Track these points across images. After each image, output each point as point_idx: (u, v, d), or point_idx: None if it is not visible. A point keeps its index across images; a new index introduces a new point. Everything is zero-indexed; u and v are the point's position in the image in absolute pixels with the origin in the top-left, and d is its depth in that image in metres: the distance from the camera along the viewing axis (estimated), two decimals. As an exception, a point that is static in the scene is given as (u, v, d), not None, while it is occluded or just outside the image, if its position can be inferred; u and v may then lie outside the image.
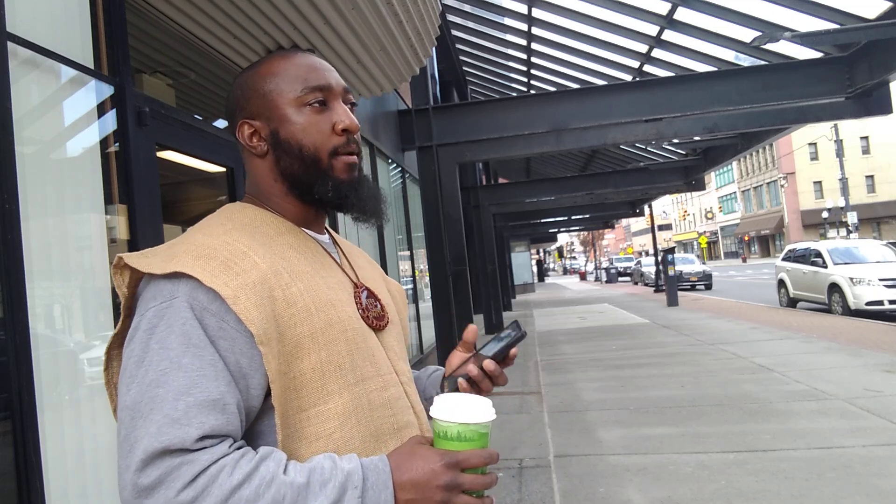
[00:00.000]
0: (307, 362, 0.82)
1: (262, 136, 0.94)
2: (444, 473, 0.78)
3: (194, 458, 0.71)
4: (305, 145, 0.92)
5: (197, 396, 0.73)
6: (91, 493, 2.11)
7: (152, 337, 0.76)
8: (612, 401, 6.13)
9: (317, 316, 0.84)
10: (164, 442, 0.70)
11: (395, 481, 0.77)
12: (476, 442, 0.82)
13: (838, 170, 32.63)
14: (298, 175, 0.92)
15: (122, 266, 0.83)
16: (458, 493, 0.79)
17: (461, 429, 0.81)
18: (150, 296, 0.79)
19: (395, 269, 7.18)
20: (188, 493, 0.69)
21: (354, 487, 0.74)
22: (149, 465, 0.70)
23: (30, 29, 2.02)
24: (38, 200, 2.01)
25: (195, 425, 0.71)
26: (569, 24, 8.42)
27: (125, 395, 0.75)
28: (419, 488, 0.77)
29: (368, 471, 0.77)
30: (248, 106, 0.94)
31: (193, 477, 0.70)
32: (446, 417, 0.81)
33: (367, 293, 0.98)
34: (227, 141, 3.49)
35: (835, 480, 3.64)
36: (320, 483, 0.73)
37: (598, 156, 15.90)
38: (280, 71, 0.93)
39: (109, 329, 2.34)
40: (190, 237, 0.86)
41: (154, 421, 0.71)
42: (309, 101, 0.92)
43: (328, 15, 3.14)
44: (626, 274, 37.74)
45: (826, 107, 8.05)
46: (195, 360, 0.75)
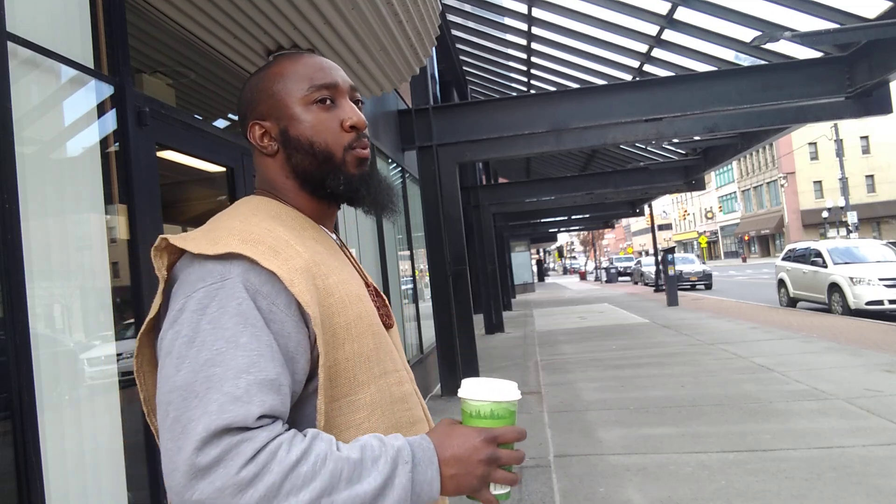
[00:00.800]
0: (342, 352, 0.84)
1: (272, 135, 0.95)
2: (485, 448, 0.82)
3: (254, 435, 0.71)
4: (316, 142, 0.94)
5: (256, 375, 0.73)
6: (91, 493, 2.11)
7: (203, 317, 0.75)
8: (612, 401, 6.13)
9: (350, 308, 0.86)
10: (226, 420, 0.70)
11: (440, 457, 0.80)
12: (507, 419, 0.86)
13: (838, 169, 32.63)
14: (310, 171, 0.95)
15: (164, 247, 0.84)
16: (496, 466, 0.83)
17: (494, 407, 0.85)
18: (197, 277, 0.79)
19: (395, 269, 7.17)
20: (249, 469, 0.69)
21: (405, 462, 0.77)
22: (208, 444, 0.69)
23: (30, 29, 2.02)
24: (38, 200, 2.01)
25: (256, 403, 0.72)
26: (569, 23, 8.42)
27: (173, 376, 0.74)
28: (462, 463, 0.80)
29: (416, 447, 0.80)
30: (258, 107, 0.96)
31: (255, 453, 0.70)
32: (480, 397, 0.86)
33: (376, 292, 1.01)
34: (227, 141, 3.49)
35: (835, 480, 3.64)
36: (372, 459, 0.76)
37: (598, 156, 15.89)
38: (287, 72, 0.96)
39: (109, 329, 2.34)
40: (224, 223, 0.86)
41: (213, 399, 0.71)
42: (316, 98, 0.94)
43: (328, 15, 3.14)
44: (626, 274, 37.72)
45: (826, 106, 8.04)
46: (253, 339, 0.75)
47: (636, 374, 7.37)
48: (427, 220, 7.70)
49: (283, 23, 3.13)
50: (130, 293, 2.46)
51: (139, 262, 2.45)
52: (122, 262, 2.47)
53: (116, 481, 2.24)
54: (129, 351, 2.48)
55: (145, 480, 2.40)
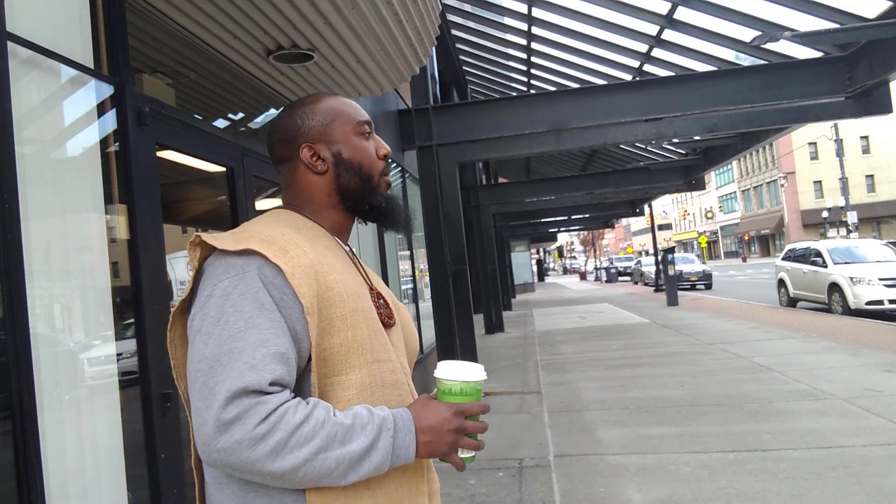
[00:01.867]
0: (336, 339, 0.99)
1: (321, 157, 1.14)
2: (454, 420, 1.00)
3: (266, 399, 0.88)
4: (364, 165, 1.15)
5: (269, 349, 0.90)
6: (91, 493, 2.11)
7: (227, 302, 0.93)
8: (611, 400, 6.13)
9: (347, 302, 1.01)
10: (244, 383, 0.87)
11: (417, 427, 0.98)
12: (474, 396, 1.04)
13: (838, 169, 32.63)
14: (355, 189, 1.15)
15: (197, 244, 1.01)
16: (462, 435, 1.01)
17: (463, 385, 1.03)
18: (222, 270, 0.96)
19: (395, 269, 7.17)
20: (262, 427, 0.86)
21: (388, 430, 0.95)
22: (230, 403, 0.86)
23: (30, 29, 2.02)
24: (38, 200, 2.01)
25: (268, 371, 0.89)
26: (569, 23, 8.42)
27: (202, 349, 0.91)
28: (434, 432, 0.99)
29: (397, 418, 0.98)
30: (310, 133, 1.14)
31: (266, 414, 0.87)
32: (451, 377, 1.04)
33: (378, 295, 1.16)
34: (227, 141, 3.49)
35: (835, 480, 3.64)
36: (361, 425, 0.94)
37: (598, 155, 15.89)
38: (339, 106, 1.17)
39: (110, 329, 2.34)
40: (250, 227, 1.04)
41: (235, 367, 0.88)
42: (362, 131, 1.17)
43: (328, 15, 3.14)
44: (626, 273, 37.71)
45: (826, 106, 8.04)
46: (267, 321, 0.92)
47: (636, 374, 7.37)
48: (427, 220, 7.70)
49: (283, 23, 3.13)
50: (130, 293, 2.46)
51: (139, 262, 2.45)
52: (122, 262, 2.47)
53: (116, 481, 2.24)
54: (130, 351, 2.48)
55: (145, 480, 2.40)
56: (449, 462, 1.02)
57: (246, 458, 0.86)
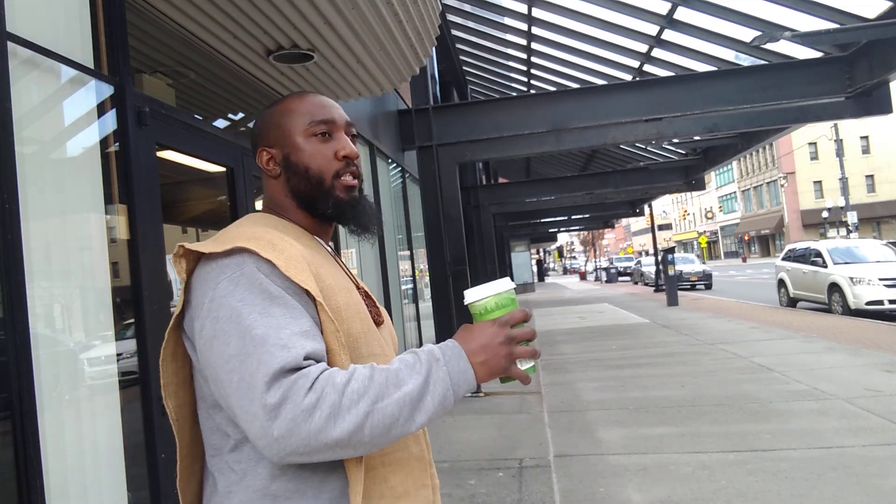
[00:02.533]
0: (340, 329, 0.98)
1: (276, 161, 1.12)
2: (501, 331, 0.97)
3: (306, 372, 0.85)
4: (311, 168, 1.10)
5: (293, 329, 0.88)
6: (91, 493, 2.11)
7: (233, 298, 0.89)
8: (611, 401, 6.13)
9: (340, 295, 1.01)
10: (280, 362, 0.84)
11: (466, 350, 0.95)
12: (511, 306, 1.02)
13: (838, 169, 32.62)
14: (304, 192, 1.11)
15: (181, 254, 0.96)
16: (515, 344, 0.98)
17: (497, 299, 1.01)
18: (217, 273, 0.93)
19: (395, 269, 7.18)
20: (311, 396, 0.83)
21: (437, 360, 0.93)
22: (272, 386, 0.83)
23: (30, 29, 2.02)
24: (38, 200, 2.01)
25: (299, 347, 0.86)
26: (569, 23, 8.42)
27: (225, 350, 0.87)
28: (487, 349, 0.96)
29: (444, 348, 0.95)
30: (267, 136, 1.13)
31: (311, 384, 0.84)
32: (483, 295, 1.02)
33: (366, 294, 1.15)
34: (227, 141, 3.49)
35: (835, 480, 3.64)
36: (409, 366, 0.92)
37: (598, 156, 15.89)
38: (294, 108, 1.13)
39: (109, 329, 2.34)
40: (232, 230, 1.01)
41: (265, 352, 0.85)
42: (315, 132, 1.11)
43: (328, 15, 3.14)
44: (626, 274, 37.70)
45: (826, 106, 8.04)
46: (280, 307, 0.89)
47: (636, 374, 7.37)
48: (427, 220, 7.70)
49: (283, 23, 3.14)
50: (130, 293, 2.46)
51: (139, 262, 2.45)
52: (122, 262, 2.47)
53: (116, 481, 2.24)
54: (130, 351, 2.48)
55: (145, 480, 2.40)
56: (513, 377, 0.98)
57: (306, 433, 0.82)
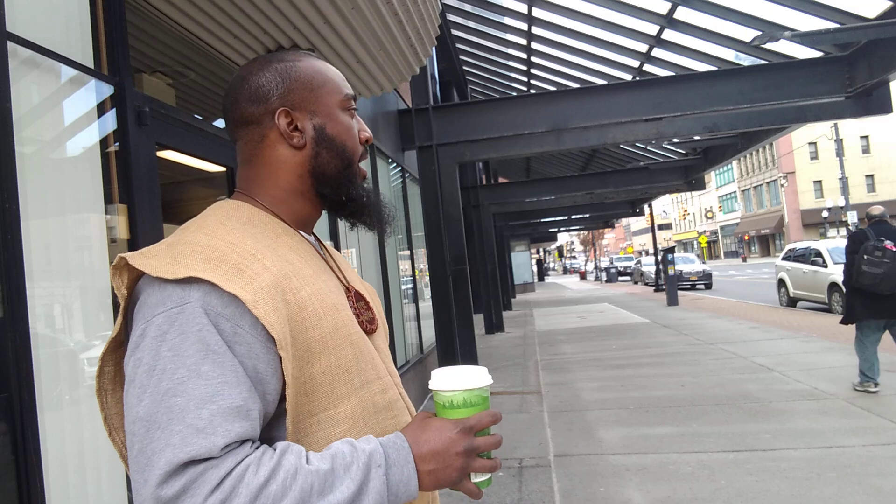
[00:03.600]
0: (318, 367, 0.81)
1: (299, 128, 0.92)
2: (462, 439, 0.80)
3: (219, 462, 0.69)
4: (348, 146, 0.95)
5: (220, 404, 0.71)
6: (91, 493, 2.11)
7: (163, 344, 0.73)
8: (611, 400, 6.13)
9: (325, 320, 0.83)
10: (189, 453, 0.68)
11: (415, 454, 0.79)
12: (481, 406, 0.84)
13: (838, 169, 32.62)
14: (334, 173, 0.94)
15: (123, 266, 0.80)
16: (474, 456, 0.82)
17: (467, 395, 0.83)
18: (157, 301, 0.76)
19: (395, 269, 7.17)
20: (216, 496, 0.67)
21: (378, 466, 0.76)
22: (172, 477, 0.68)
23: (30, 29, 2.02)
24: (38, 200, 2.01)
25: (221, 434, 0.70)
26: (569, 23, 8.42)
27: (136, 406, 0.72)
28: (439, 457, 0.79)
29: (389, 448, 0.78)
30: (290, 96, 0.92)
31: (220, 480, 0.68)
32: (451, 387, 0.84)
33: (357, 297, 0.98)
34: (227, 141, 3.48)
35: (835, 480, 3.64)
36: (344, 467, 0.74)
37: (598, 155, 15.89)
38: (326, 71, 0.96)
39: (109, 329, 2.33)
40: (190, 237, 0.82)
41: (176, 431, 0.69)
42: (348, 105, 0.96)
43: (328, 15, 3.14)
44: (626, 273, 37.72)
45: (826, 106, 8.04)
46: (215, 367, 0.72)
47: (636, 374, 7.37)
48: (427, 220, 7.70)
49: (283, 23, 3.13)
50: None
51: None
52: (122, 262, 2.47)
53: (116, 481, 2.24)
54: (129, 351, 2.47)
55: (145, 480, 2.40)
56: (461, 491, 0.83)
57: None
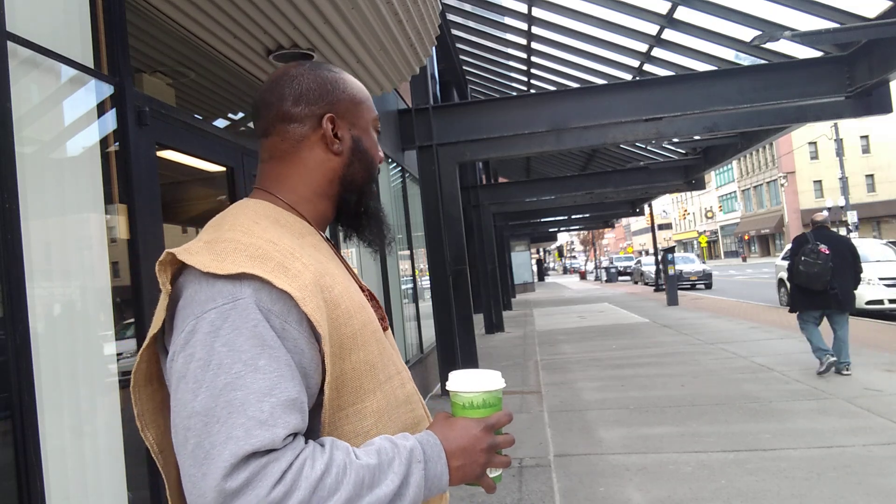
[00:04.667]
0: (348, 363, 0.85)
1: (339, 136, 0.98)
2: (486, 437, 0.88)
3: (280, 455, 0.72)
4: (374, 162, 1.03)
5: (279, 397, 0.74)
6: (91, 493, 2.11)
7: (217, 339, 0.75)
8: (612, 400, 6.13)
9: (355, 317, 0.87)
10: (254, 444, 0.71)
11: (446, 451, 0.85)
12: (497, 406, 0.92)
13: (838, 169, 32.62)
14: (360, 183, 1.00)
15: (168, 261, 0.81)
16: (494, 453, 0.89)
17: (486, 396, 0.91)
18: (206, 297, 0.77)
19: (395, 269, 7.18)
20: (279, 489, 0.70)
21: (418, 461, 0.82)
22: (237, 469, 0.70)
23: (30, 29, 2.02)
24: (38, 200, 2.01)
25: (282, 425, 0.73)
26: (569, 23, 8.41)
27: (191, 401, 0.73)
28: (466, 453, 0.86)
29: (426, 445, 0.85)
30: (338, 105, 0.98)
31: (282, 473, 0.71)
32: (472, 388, 0.91)
33: (371, 296, 1.02)
34: (227, 140, 3.49)
35: (835, 480, 3.64)
36: (388, 462, 0.80)
37: (598, 155, 15.88)
38: (362, 91, 1.03)
39: (109, 329, 2.34)
40: (228, 235, 0.84)
41: (238, 424, 0.71)
42: (377, 127, 1.05)
43: (328, 15, 3.14)
44: (626, 273, 37.71)
45: (826, 106, 8.03)
46: (272, 361, 0.75)
47: (636, 374, 7.37)
48: (427, 220, 7.69)
49: (283, 23, 3.13)
50: (130, 293, 2.46)
51: (139, 262, 2.45)
52: (122, 262, 2.47)
53: (116, 481, 2.24)
54: (130, 351, 2.48)
55: (145, 480, 2.40)
56: (480, 485, 0.90)
57: None
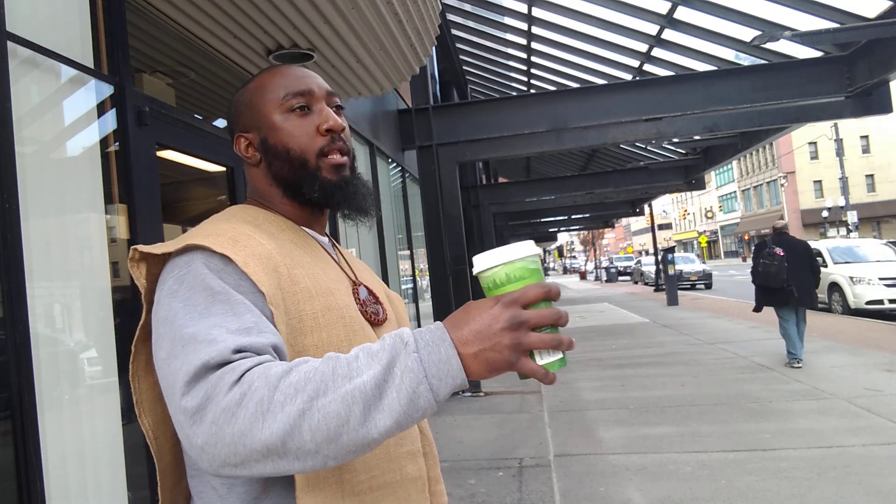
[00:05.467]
0: (310, 339, 0.85)
1: (254, 146, 1.00)
2: (504, 311, 0.71)
3: (234, 365, 0.69)
4: (292, 148, 0.97)
5: (230, 326, 0.74)
6: (91, 493, 2.11)
7: (174, 299, 0.78)
8: (612, 400, 6.13)
9: (317, 299, 0.87)
10: (201, 359, 0.70)
11: (454, 337, 0.72)
12: (531, 278, 0.76)
13: (838, 169, 32.63)
14: (288, 177, 0.98)
15: (138, 258, 0.86)
16: (525, 330, 0.71)
17: (507, 269, 0.76)
18: (166, 273, 0.83)
19: (395, 269, 7.18)
20: (236, 391, 0.67)
21: (406, 345, 0.70)
22: (193, 387, 0.69)
23: (30, 29, 2.02)
24: (38, 200, 2.01)
25: (230, 341, 0.72)
26: (569, 23, 8.41)
27: (158, 353, 0.77)
28: (482, 336, 0.71)
29: (420, 332, 0.73)
30: (241, 120, 1.01)
31: (239, 377, 0.68)
32: (489, 264, 0.77)
33: (366, 291, 1.02)
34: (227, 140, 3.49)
35: (835, 480, 3.64)
36: (369, 353, 0.70)
37: (598, 155, 15.88)
38: (265, 83, 1.00)
39: (110, 329, 2.34)
40: (200, 227, 0.91)
41: (190, 351, 0.71)
42: (292, 105, 0.97)
43: (328, 15, 3.14)
44: (626, 273, 37.71)
45: (826, 106, 8.03)
46: (222, 304, 0.76)
47: (636, 374, 7.37)
48: (427, 220, 7.70)
49: (283, 23, 3.14)
50: (130, 293, 2.46)
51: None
52: (122, 262, 2.47)
53: (116, 481, 2.24)
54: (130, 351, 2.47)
55: (145, 480, 2.40)
56: (528, 374, 0.73)
57: (230, 437, 0.65)
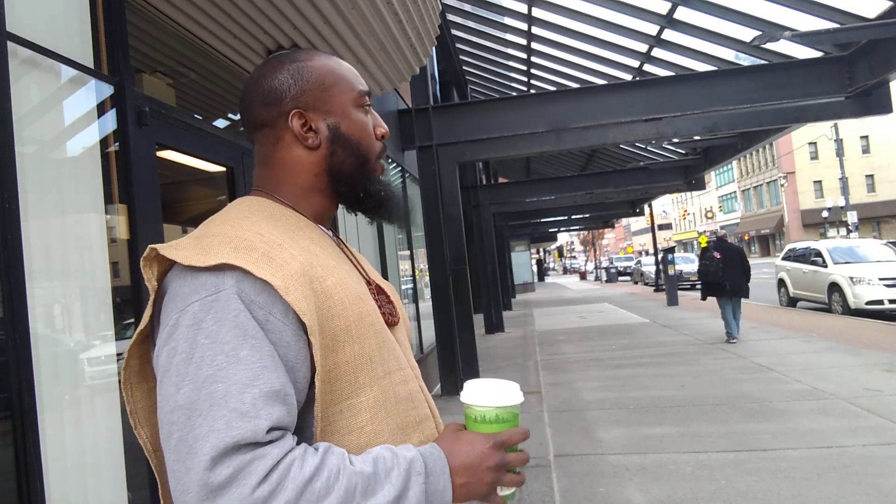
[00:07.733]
0: (341, 355, 0.83)
1: (313, 128, 0.94)
2: (494, 455, 0.82)
3: (265, 452, 0.70)
4: (363, 144, 0.97)
5: (261, 388, 0.71)
6: (91, 493, 2.11)
7: (199, 332, 0.74)
8: (611, 400, 6.13)
9: (350, 309, 0.85)
10: (235, 437, 0.68)
11: (451, 466, 0.80)
12: (512, 422, 0.86)
13: (838, 169, 32.63)
14: (349, 171, 0.96)
15: (153, 257, 0.81)
16: (504, 471, 0.83)
17: (499, 412, 0.85)
18: (190, 290, 0.77)
19: (395, 269, 7.18)
20: (264, 488, 0.68)
21: (419, 474, 0.77)
22: (219, 463, 0.68)
23: (30, 29, 2.02)
24: (38, 200, 2.01)
25: (264, 417, 0.70)
26: (569, 23, 8.42)
27: (174, 395, 0.72)
28: (472, 471, 0.81)
29: (427, 458, 0.80)
30: (303, 97, 0.94)
31: (267, 471, 0.69)
32: (484, 402, 0.85)
33: (378, 290, 0.99)
34: (227, 141, 3.49)
35: (835, 480, 3.64)
36: (385, 471, 0.76)
37: (597, 155, 15.88)
38: (338, 69, 0.97)
39: (109, 329, 2.34)
40: (216, 229, 0.83)
41: (219, 416, 0.69)
42: (362, 102, 0.98)
43: (328, 15, 3.14)
44: (626, 273, 37.71)
45: (826, 106, 8.03)
46: (254, 351, 0.73)
47: (636, 374, 7.37)
48: (427, 220, 7.69)
49: (283, 23, 3.13)
50: (130, 293, 2.46)
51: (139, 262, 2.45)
52: (122, 262, 2.47)
53: (116, 481, 2.24)
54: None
55: (145, 480, 2.40)
56: (486, 503, 0.85)
57: None
